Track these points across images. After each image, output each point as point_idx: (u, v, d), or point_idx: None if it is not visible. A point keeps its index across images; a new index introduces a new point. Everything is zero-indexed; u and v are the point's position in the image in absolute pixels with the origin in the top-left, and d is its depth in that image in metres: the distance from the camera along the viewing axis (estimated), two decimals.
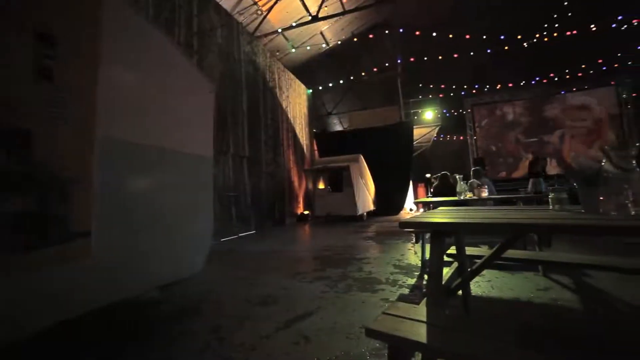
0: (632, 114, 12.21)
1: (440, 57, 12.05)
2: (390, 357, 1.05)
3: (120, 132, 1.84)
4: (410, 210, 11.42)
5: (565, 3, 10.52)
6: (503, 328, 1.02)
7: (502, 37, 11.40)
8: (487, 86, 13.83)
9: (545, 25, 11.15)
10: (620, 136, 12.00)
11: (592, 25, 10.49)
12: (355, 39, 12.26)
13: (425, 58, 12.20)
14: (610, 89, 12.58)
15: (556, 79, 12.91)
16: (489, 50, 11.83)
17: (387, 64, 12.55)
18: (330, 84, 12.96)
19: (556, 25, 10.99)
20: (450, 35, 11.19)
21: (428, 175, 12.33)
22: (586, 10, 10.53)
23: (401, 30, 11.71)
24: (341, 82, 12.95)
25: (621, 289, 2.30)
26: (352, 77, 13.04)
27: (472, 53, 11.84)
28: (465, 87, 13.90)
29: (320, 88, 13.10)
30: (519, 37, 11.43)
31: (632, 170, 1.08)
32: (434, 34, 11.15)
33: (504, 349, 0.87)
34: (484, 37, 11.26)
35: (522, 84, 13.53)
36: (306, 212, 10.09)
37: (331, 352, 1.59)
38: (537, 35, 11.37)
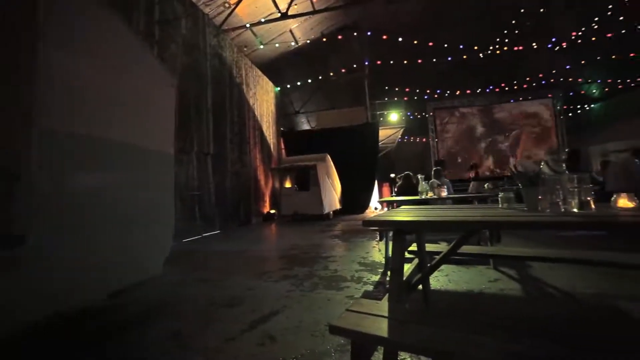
0: (563, 123, 14.07)
1: (405, 62, 12.56)
2: (353, 353, 1.08)
3: (66, 124, 1.68)
4: (376, 209, 11.76)
5: (514, 22, 11.65)
6: (459, 318, 1.09)
7: (461, 46, 12.19)
8: (448, 91, 14.70)
9: (498, 40, 12.24)
10: (554, 143, 13.62)
11: (533, 44, 11.82)
12: (324, 39, 12.33)
13: (392, 62, 12.63)
14: (548, 101, 14.36)
15: (507, 88, 14.27)
16: (449, 58, 12.60)
17: (354, 65, 12.79)
18: (299, 83, 12.92)
19: (506, 40, 12.15)
20: (415, 42, 11.72)
21: (392, 175, 12.77)
22: (530, 31, 11.92)
23: (369, 33, 12.00)
24: (309, 81, 12.95)
25: (552, 276, 2.60)
26: (320, 77, 13.11)
27: (434, 60, 12.53)
28: (428, 91, 14.64)
29: (289, 86, 13.00)
30: (476, 47, 12.32)
31: (562, 172, 1.23)
32: (400, 39, 11.60)
33: (458, 336, 0.94)
34: (445, 45, 11.96)
35: (478, 91, 14.62)
36: (272, 212, 9.98)
37: (297, 350, 1.60)
38: (491, 48, 12.41)
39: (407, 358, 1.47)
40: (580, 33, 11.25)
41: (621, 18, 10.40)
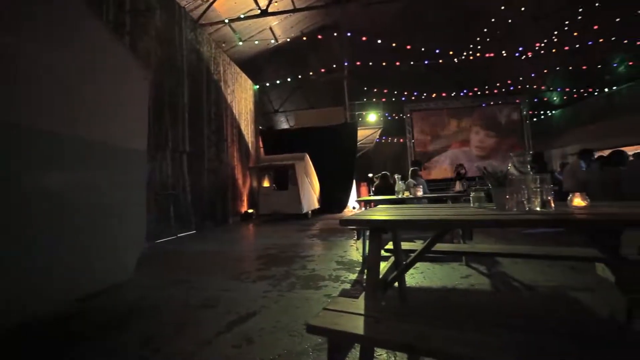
0: (529, 127, 15.11)
1: (384, 64, 12.80)
2: (330, 350, 1.09)
3: (25, 117, 1.57)
4: (354, 208, 11.89)
5: (485, 30, 12.25)
6: (433, 314, 1.13)
7: (437, 51, 12.62)
8: (425, 94, 15.17)
9: (471, 46, 12.79)
10: (521, 146, 14.54)
11: (503, 51, 12.52)
12: (304, 38, 12.29)
13: (371, 63, 12.83)
14: (516, 106, 15.33)
15: (479, 93, 14.98)
16: (426, 62, 13.00)
17: (334, 66, 12.86)
18: (278, 82, 12.80)
19: (479, 47, 12.75)
20: (394, 44, 11.97)
21: (370, 175, 12.99)
22: (500, 39, 12.59)
23: (349, 34, 12.12)
24: (289, 80, 12.87)
25: (517, 270, 2.76)
26: (299, 76, 13.06)
27: (412, 62, 12.89)
28: (405, 93, 15.02)
29: (268, 85, 12.86)
30: (451, 52, 12.80)
31: (527, 173, 1.31)
32: (379, 41, 11.81)
33: (432, 332, 0.97)
34: (423, 49, 12.33)
35: (453, 94, 15.23)
36: (250, 211, 9.83)
37: (274, 351, 1.59)
38: (465, 53, 12.95)
39: (383, 354, 1.51)
40: (543, 44, 12.04)
41: (575, 34, 11.24)
